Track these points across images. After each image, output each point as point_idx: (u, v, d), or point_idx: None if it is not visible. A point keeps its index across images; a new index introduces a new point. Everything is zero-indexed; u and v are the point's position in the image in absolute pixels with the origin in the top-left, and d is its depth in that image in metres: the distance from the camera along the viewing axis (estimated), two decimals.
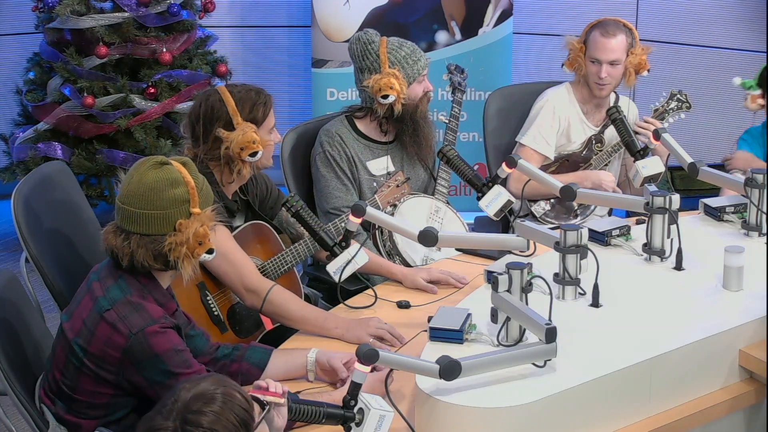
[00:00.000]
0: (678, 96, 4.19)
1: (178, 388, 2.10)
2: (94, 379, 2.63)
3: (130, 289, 2.63)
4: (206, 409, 2.05)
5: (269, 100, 3.35)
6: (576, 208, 4.26)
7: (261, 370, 2.82)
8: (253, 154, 3.26)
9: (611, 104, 4.28)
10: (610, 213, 4.33)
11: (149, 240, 2.60)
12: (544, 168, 4.17)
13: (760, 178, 3.41)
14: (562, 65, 4.25)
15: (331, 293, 3.61)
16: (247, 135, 3.25)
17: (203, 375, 2.20)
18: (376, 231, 3.71)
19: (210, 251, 2.65)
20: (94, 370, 2.62)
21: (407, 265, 3.64)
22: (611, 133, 4.23)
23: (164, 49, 5.52)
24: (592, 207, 4.28)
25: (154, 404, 2.61)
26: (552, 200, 4.24)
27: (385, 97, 3.75)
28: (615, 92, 4.33)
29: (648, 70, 4.21)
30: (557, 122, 4.24)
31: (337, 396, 2.57)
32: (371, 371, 2.43)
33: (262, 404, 2.26)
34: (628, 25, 4.21)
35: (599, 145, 4.26)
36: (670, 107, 4.18)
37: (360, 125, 3.88)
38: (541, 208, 4.23)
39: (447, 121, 4.06)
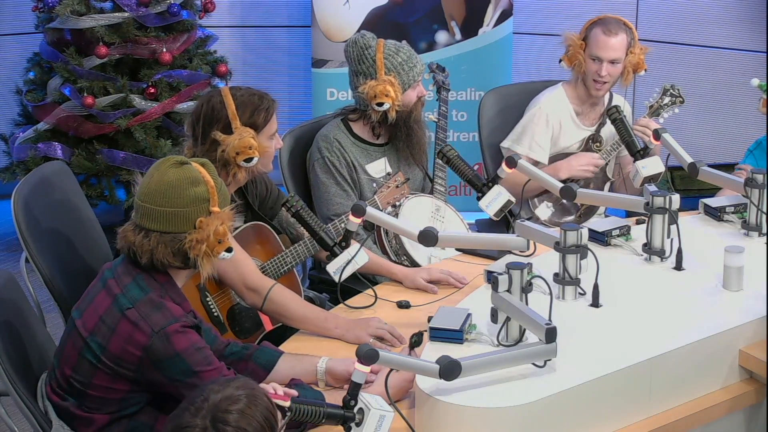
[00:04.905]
0: (671, 91, 4.19)
1: (207, 389, 2.14)
2: (110, 376, 2.63)
3: (149, 288, 2.64)
4: (234, 408, 2.09)
5: (272, 106, 3.33)
6: (578, 210, 4.25)
7: (267, 372, 2.82)
8: (249, 160, 3.25)
9: (606, 103, 4.28)
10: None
11: (169, 237, 2.61)
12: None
13: (760, 178, 3.41)
14: (560, 61, 4.25)
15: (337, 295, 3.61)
16: (244, 140, 3.23)
17: (231, 377, 2.22)
18: (381, 231, 3.71)
19: (229, 250, 2.66)
20: (112, 367, 2.62)
21: (415, 264, 3.63)
22: (608, 132, 4.23)
23: (164, 49, 5.52)
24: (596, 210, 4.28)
25: (169, 399, 2.63)
26: (551, 203, 4.24)
27: (380, 104, 3.75)
28: (609, 91, 4.33)
29: (645, 70, 4.21)
30: (550, 129, 4.23)
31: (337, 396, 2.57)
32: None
33: (284, 411, 2.29)
34: (629, 24, 4.21)
35: (597, 144, 4.26)
36: (664, 103, 4.18)
37: (355, 128, 3.88)
38: (546, 209, 4.22)
39: (437, 120, 4.07)
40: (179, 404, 2.31)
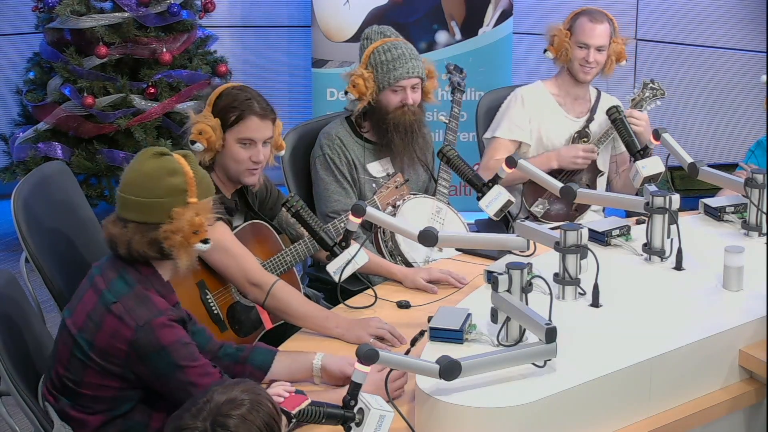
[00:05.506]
0: (651, 85, 4.27)
1: (212, 390, 2.14)
2: (100, 373, 2.63)
3: (134, 281, 2.64)
4: (235, 413, 2.10)
5: (251, 111, 3.25)
6: (573, 205, 4.26)
7: (264, 372, 2.82)
8: (192, 142, 3.24)
9: (592, 101, 4.31)
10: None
11: (145, 228, 2.60)
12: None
13: (760, 178, 3.42)
14: (545, 51, 4.29)
15: (332, 294, 3.61)
16: (199, 124, 3.24)
17: (237, 380, 2.22)
18: (378, 231, 3.71)
19: (205, 241, 2.64)
20: (100, 364, 2.62)
21: (409, 265, 3.63)
22: (596, 128, 4.26)
23: (164, 49, 5.52)
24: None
25: (160, 397, 2.63)
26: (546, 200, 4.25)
27: (346, 92, 3.78)
28: (597, 89, 4.36)
29: (626, 60, 4.30)
30: (527, 110, 4.26)
31: (337, 396, 2.57)
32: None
33: (289, 416, 2.30)
34: (609, 15, 4.30)
35: (585, 140, 4.27)
36: (645, 96, 4.24)
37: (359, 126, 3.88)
38: (540, 206, 4.23)
39: (447, 121, 4.06)
40: (170, 402, 2.31)
